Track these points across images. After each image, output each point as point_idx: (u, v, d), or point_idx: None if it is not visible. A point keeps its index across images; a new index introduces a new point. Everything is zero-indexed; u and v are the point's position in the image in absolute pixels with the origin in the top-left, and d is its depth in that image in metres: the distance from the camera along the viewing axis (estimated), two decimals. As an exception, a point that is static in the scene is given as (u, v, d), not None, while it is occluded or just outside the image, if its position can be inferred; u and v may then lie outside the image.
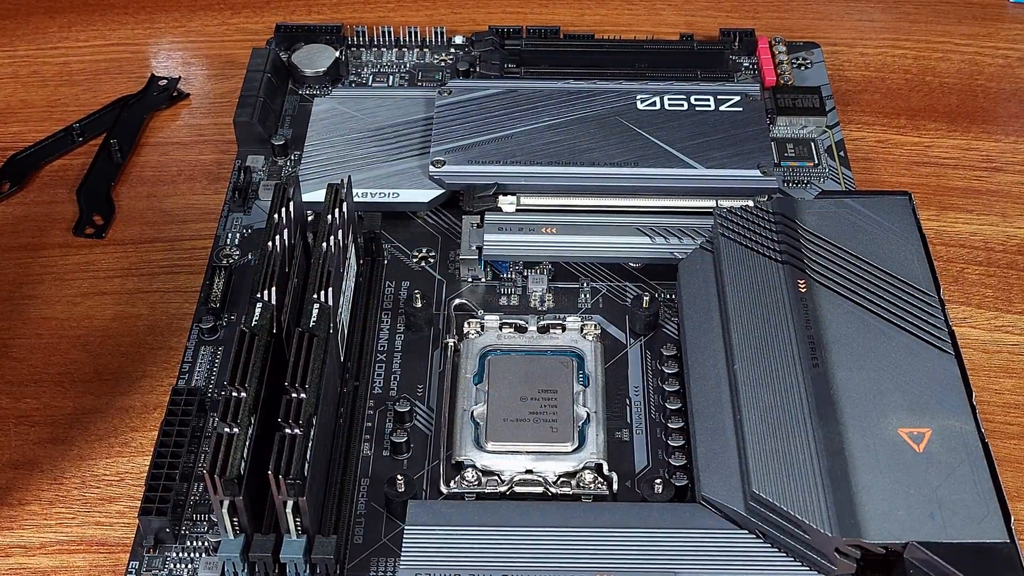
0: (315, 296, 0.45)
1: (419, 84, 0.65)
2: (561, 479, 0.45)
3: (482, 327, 0.51)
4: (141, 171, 0.61)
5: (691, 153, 0.56)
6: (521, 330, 0.51)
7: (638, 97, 0.59)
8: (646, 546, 0.41)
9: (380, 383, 0.49)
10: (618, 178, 0.55)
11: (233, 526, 0.40)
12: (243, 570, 0.41)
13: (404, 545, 0.41)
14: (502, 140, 0.57)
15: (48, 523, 0.46)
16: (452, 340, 0.51)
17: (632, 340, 0.51)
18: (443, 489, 0.45)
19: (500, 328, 0.51)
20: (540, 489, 0.45)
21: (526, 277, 0.54)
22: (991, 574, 0.38)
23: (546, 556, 0.41)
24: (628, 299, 0.53)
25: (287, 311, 0.45)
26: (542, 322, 0.51)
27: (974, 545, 0.39)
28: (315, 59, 0.65)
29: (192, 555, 0.43)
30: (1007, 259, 0.57)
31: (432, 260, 0.55)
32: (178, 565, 0.43)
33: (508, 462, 0.45)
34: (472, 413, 0.47)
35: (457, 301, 0.53)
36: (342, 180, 0.51)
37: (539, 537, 0.42)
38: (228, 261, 0.55)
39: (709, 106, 0.59)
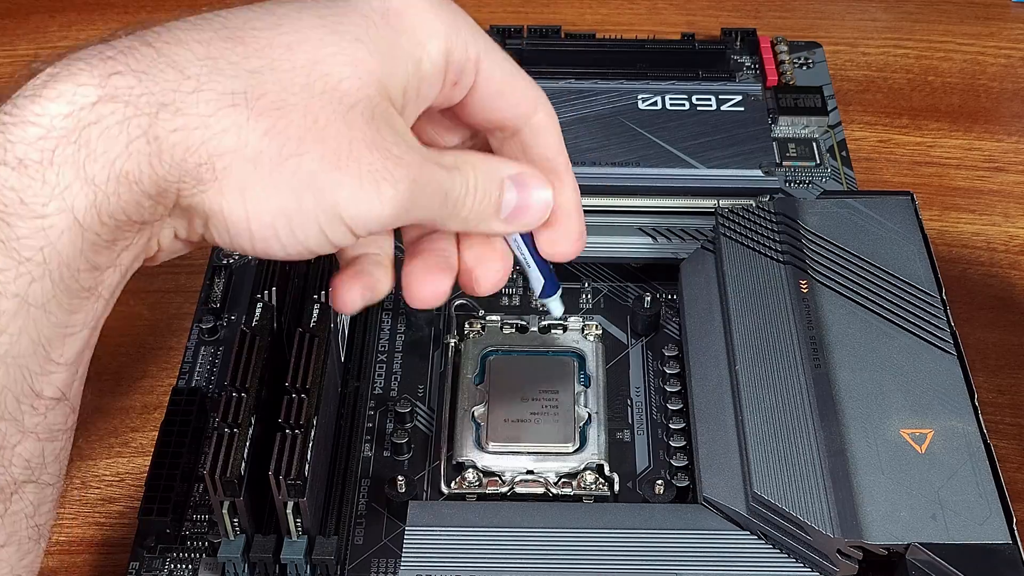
0: (315, 296, 0.44)
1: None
2: (562, 480, 0.45)
3: (483, 327, 0.51)
4: (142, 171, 0.61)
5: (692, 153, 0.56)
6: (522, 330, 0.51)
7: (639, 97, 0.59)
8: (647, 547, 0.41)
9: (381, 383, 0.49)
10: (619, 178, 0.55)
11: (233, 527, 0.40)
12: (244, 571, 0.41)
13: (405, 546, 0.41)
14: (503, 140, 0.57)
15: (48, 523, 0.46)
16: (453, 340, 0.50)
17: (633, 340, 0.51)
18: (444, 490, 0.45)
19: (501, 328, 0.51)
20: (541, 490, 0.45)
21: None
22: (993, 575, 0.38)
23: (547, 557, 0.41)
24: (629, 299, 0.53)
25: (288, 311, 0.45)
26: (543, 322, 0.51)
27: (976, 546, 0.39)
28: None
29: (193, 556, 0.43)
30: (1009, 259, 0.56)
31: (433, 260, 0.55)
32: (179, 566, 0.43)
33: (509, 463, 0.45)
34: (473, 413, 0.47)
35: (458, 301, 0.53)
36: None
37: (540, 538, 0.42)
38: (229, 261, 0.54)
39: (711, 106, 0.59)
